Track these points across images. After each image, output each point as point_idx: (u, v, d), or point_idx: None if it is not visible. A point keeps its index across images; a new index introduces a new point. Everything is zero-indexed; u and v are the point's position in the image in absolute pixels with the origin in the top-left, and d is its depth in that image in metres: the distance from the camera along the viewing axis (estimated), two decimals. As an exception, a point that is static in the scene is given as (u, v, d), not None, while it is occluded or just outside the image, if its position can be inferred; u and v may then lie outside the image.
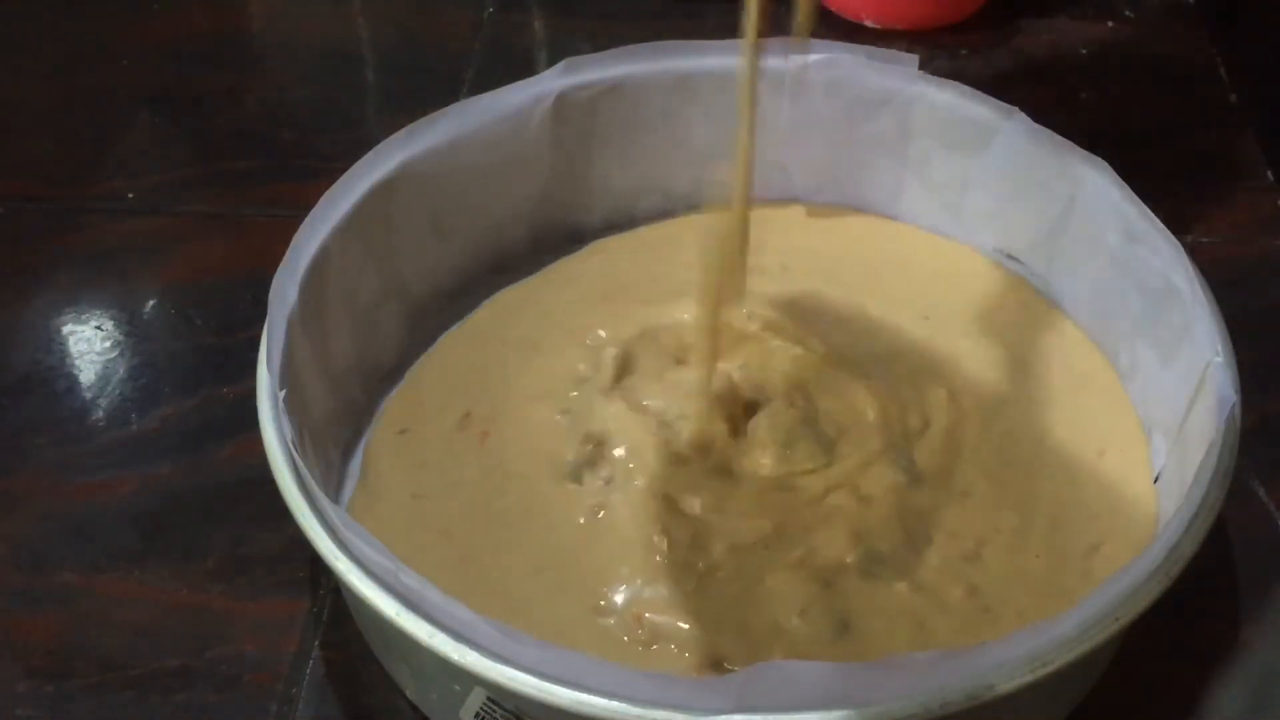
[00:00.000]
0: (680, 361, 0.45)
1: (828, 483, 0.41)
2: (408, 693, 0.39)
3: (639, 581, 0.39)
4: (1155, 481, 0.42)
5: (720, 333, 0.43)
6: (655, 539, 0.39)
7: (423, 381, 0.46)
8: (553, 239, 0.51)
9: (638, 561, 0.39)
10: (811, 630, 0.38)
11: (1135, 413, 0.44)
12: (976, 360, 0.46)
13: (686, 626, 0.37)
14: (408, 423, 0.45)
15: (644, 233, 0.52)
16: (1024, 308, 0.48)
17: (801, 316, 0.47)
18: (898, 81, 0.48)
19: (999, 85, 0.60)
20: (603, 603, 0.39)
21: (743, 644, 0.37)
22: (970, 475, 0.42)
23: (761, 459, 0.42)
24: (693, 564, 0.39)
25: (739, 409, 0.43)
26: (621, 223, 0.52)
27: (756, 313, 0.46)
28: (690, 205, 0.52)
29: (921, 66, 0.49)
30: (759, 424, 0.42)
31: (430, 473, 0.43)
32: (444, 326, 0.48)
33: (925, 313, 0.48)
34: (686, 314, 0.45)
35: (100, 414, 0.48)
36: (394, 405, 0.46)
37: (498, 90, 0.47)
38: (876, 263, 0.50)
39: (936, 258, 0.50)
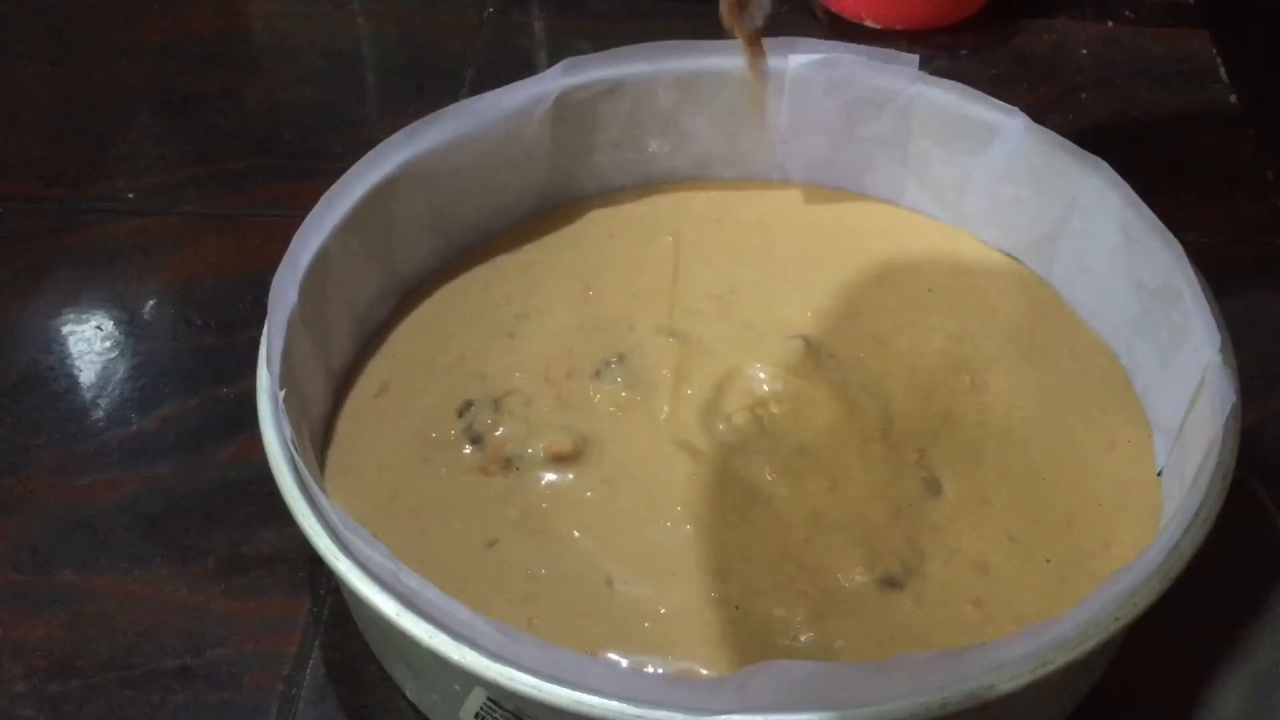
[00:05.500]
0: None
1: (840, 504, 0.41)
2: (408, 693, 0.39)
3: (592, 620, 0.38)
4: (1159, 475, 0.42)
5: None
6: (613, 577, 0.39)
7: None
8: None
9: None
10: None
11: (1140, 402, 0.44)
12: (984, 342, 0.46)
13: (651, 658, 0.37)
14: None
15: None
16: (1023, 290, 0.48)
17: (797, 293, 0.47)
18: (898, 81, 0.48)
19: (999, 85, 0.61)
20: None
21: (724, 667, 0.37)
22: (992, 480, 0.41)
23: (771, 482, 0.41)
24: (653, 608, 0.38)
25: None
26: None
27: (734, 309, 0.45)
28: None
29: (921, 66, 0.49)
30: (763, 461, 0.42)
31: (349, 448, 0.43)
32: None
33: (928, 286, 0.48)
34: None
35: (100, 414, 0.48)
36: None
37: (498, 90, 0.47)
38: (872, 240, 0.50)
39: (934, 239, 0.50)
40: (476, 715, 0.35)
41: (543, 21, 0.68)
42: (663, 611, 0.38)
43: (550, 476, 0.41)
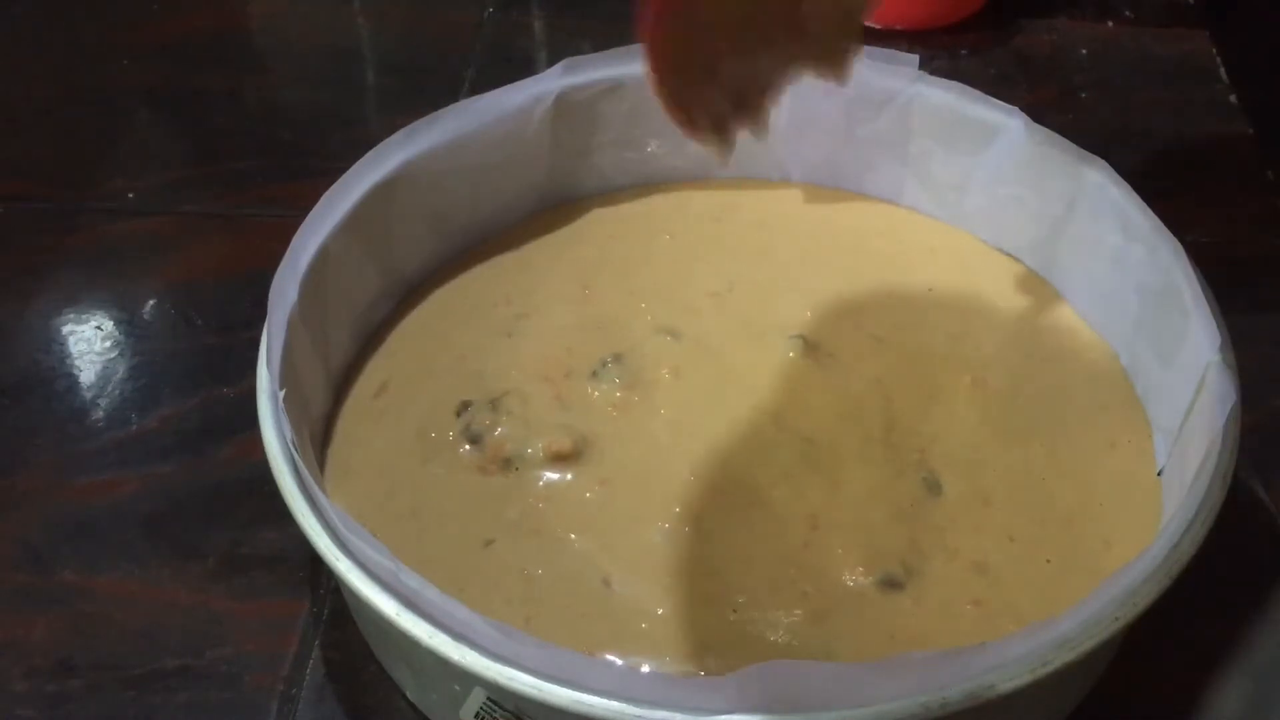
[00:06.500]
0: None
1: (840, 504, 0.40)
2: (408, 693, 0.39)
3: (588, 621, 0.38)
4: (1159, 475, 0.42)
5: None
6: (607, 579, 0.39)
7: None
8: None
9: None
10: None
11: (1140, 402, 0.44)
12: (984, 342, 0.46)
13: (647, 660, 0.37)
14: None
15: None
16: (1023, 290, 0.48)
17: (797, 293, 0.47)
18: (898, 81, 0.48)
19: (999, 85, 0.61)
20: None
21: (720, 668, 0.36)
22: (992, 480, 0.41)
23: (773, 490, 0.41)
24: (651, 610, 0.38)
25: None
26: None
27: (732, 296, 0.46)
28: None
29: (921, 66, 0.49)
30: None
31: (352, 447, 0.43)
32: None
33: (928, 286, 0.48)
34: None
35: (100, 414, 0.48)
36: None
37: (498, 90, 0.47)
38: (872, 240, 0.50)
39: (934, 239, 0.50)
40: (476, 715, 0.35)
41: (543, 21, 0.68)
42: (660, 612, 0.38)
43: (549, 476, 0.41)
